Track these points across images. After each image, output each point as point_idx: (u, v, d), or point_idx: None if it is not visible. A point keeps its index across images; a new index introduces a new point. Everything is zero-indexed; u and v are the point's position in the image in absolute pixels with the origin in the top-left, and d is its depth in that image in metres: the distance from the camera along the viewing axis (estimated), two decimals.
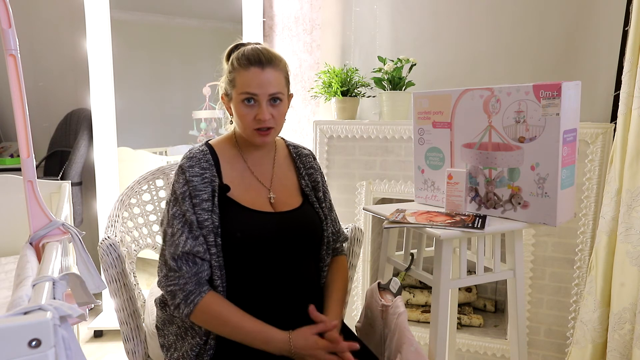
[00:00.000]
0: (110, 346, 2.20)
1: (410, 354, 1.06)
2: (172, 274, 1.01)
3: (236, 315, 1.00)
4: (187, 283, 0.99)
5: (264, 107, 1.04)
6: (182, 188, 1.03)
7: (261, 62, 1.04)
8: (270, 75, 1.04)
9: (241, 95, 1.04)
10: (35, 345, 0.54)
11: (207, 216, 1.01)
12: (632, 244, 1.48)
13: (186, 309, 0.99)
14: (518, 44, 1.91)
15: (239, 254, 1.03)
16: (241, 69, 1.04)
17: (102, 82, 2.31)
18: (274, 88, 1.04)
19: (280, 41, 2.35)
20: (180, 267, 1.00)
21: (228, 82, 1.08)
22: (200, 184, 1.03)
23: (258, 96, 1.03)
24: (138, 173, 1.47)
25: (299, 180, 1.20)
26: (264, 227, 1.06)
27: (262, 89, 1.03)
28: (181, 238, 1.00)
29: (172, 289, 1.00)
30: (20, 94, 0.99)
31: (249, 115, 1.04)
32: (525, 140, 1.13)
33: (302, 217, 1.14)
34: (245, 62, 1.04)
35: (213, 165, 1.07)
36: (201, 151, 1.08)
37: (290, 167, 1.22)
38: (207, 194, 1.03)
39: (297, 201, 1.16)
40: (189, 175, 1.03)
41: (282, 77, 1.07)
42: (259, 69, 1.03)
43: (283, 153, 1.23)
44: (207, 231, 1.01)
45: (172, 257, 1.00)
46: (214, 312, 1.00)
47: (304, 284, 1.11)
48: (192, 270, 1.00)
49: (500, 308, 2.21)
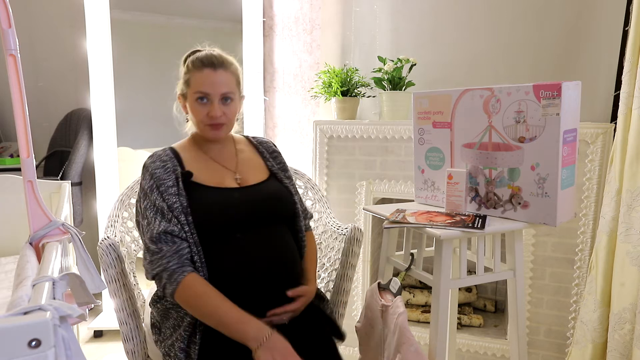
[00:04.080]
0: (110, 346, 2.20)
1: (410, 354, 1.06)
2: (154, 257, 1.05)
3: (216, 298, 1.03)
4: (170, 262, 1.03)
5: (215, 105, 1.12)
6: (148, 183, 1.10)
7: (213, 64, 1.13)
8: (222, 77, 1.13)
9: (195, 94, 1.13)
10: (35, 346, 0.54)
11: (175, 199, 1.07)
12: (632, 244, 1.48)
13: (170, 288, 1.03)
14: (518, 43, 1.91)
15: (212, 231, 1.08)
16: (195, 70, 1.14)
17: (102, 82, 2.31)
18: (225, 88, 1.13)
19: (280, 41, 2.35)
20: (161, 248, 1.04)
21: (184, 82, 1.17)
22: (164, 173, 1.11)
23: (210, 95, 1.12)
24: (138, 173, 1.46)
25: (265, 161, 1.28)
26: (229, 201, 1.12)
27: (214, 89, 1.12)
28: (155, 223, 1.06)
29: (157, 271, 1.04)
30: (20, 94, 0.99)
31: (202, 112, 1.13)
32: (525, 140, 1.13)
33: (268, 189, 1.21)
34: (199, 64, 1.14)
35: (174, 157, 1.15)
36: (161, 149, 1.19)
37: (254, 152, 1.30)
38: (172, 180, 1.10)
39: (263, 177, 1.24)
40: (152, 169, 1.11)
41: (233, 79, 1.16)
42: (212, 71, 1.13)
43: (243, 143, 1.31)
44: (177, 212, 1.07)
45: (150, 241, 1.05)
46: (197, 291, 1.03)
47: (281, 254, 1.14)
48: (172, 248, 1.04)
49: (500, 308, 2.21)
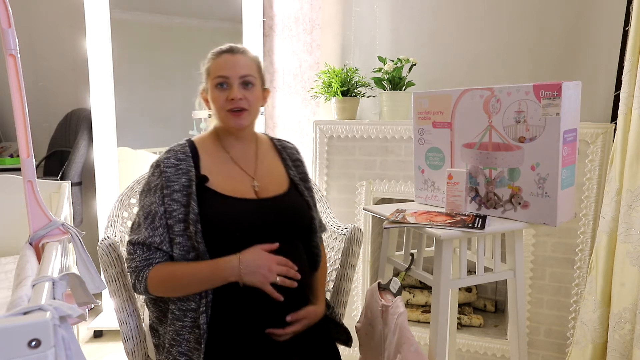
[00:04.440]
0: (110, 346, 2.20)
1: (410, 354, 1.06)
2: (128, 257, 1.07)
3: (184, 266, 1.04)
4: (138, 265, 1.05)
5: (235, 87, 1.09)
6: (156, 180, 1.07)
7: (232, 50, 1.12)
8: (241, 59, 1.11)
9: (215, 80, 1.10)
10: (35, 346, 0.54)
11: (177, 206, 1.04)
12: (633, 244, 1.48)
13: (141, 286, 1.05)
14: (518, 43, 1.91)
15: (223, 242, 1.05)
16: (214, 58, 1.12)
17: (102, 82, 2.31)
18: (245, 70, 1.11)
19: (280, 41, 2.35)
20: (135, 250, 1.05)
21: (205, 77, 1.15)
22: (174, 174, 1.06)
23: (229, 78, 1.09)
24: (138, 173, 1.47)
25: (287, 170, 1.23)
26: (244, 214, 1.09)
27: (232, 71, 1.09)
28: (141, 229, 1.06)
29: (128, 272, 1.07)
30: (20, 94, 0.99)
31: (221, 97, 1.10)
32: (525, 140, 1.13)
33: (286, 203, 1.16)
34: (217, 52, 1.13)
35: (190, 156, 1.10)
36: (180, 144, 1.13)
37: (276, 157, 1.25)
38: (179, 184, 1.05)
39: (282, 188, 1.19)
40: (164, 166, 1.07)
41: (253, 65, 1.14)
42: (230, 55, 1.11)
43: (266, 145, 1.26)
44: (173, 221, 1.04)
45: (130, 242, 1.07)
46: (164, 274, 1.04)
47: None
48: (144, 255, 1.05)
49: (500, 308, 2.21)
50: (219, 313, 1.05)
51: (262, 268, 1.02)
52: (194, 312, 1.04)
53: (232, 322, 1.05)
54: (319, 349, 1.15)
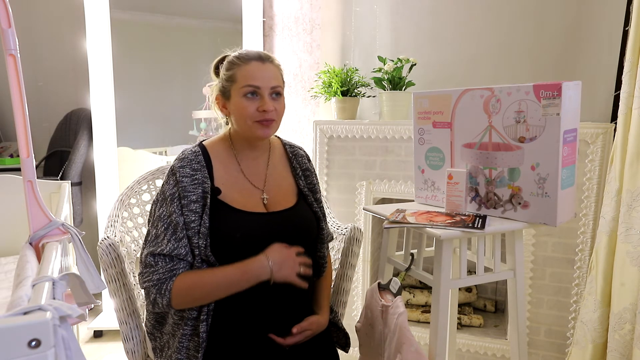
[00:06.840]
0: (110, 346, 2.20)
1: (410, 354, 1.06)
2: (147, 270, 1.02)
3: (209, 271, 1.02)
4: (160, 278, 1.00)
5: (266, 98, 1.05)
6: (172, 189, 1.04)
7: (261, 58, 1.08)
8: (271, 70, 1.08)
9: (244, 88, 1.05)
10: (35, 346, 0.54)
11: (194, 217, 1.02)
12: (633, 244, 1.48)
13: (164, 300, 0.99)
14: (518, 43, 1.91)
15: (232, 255, 1.04)
16: (242, 63, 1.07)
17: (102, 82, 2.31)
18: (275, 81, 1.07)
19: (280, 41, 2.35)
20: (157, 262, 1.01)
21: (225, 80, 1.09)
22: (190, 185, 1.03)
23: (261, 89, 1.05)
24: (138, 173, 1.47)
25: (296, 180, 1.21)
26: (254, 227, 1.07)
27: (264, 82, 1.05)
28: (164, 241, 1.01)
29: (147, 286, 1.01)
30: (20, 94, 0.99)
31: (251, 107, 1.05)
32: (525, 140, 1.13)
33: (295, 216, 1.14)
34: (245, 57, 1.07)
35: (205, 166, 1.07)
36: (193, 152, 1.09)
37: (286, 167, 1.22)
38: (196, 195, 1.03)
39: (291, 201, 1.17)
40: (179, 176, 1.04)
41: (279, 75, 1.11)
42: (260, 63, 1.07)
43: (279, 152, 1.23)
44: (192, 232, 1.01)
45: (151, 254, 1.01)
46: (190, 282, 1.00)
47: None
48: (167, 266, 1.00)
49: (501, 308, 2.21)
50: (220, 321, 1.04)
51: (288, 261, 1.04)
52: (194, 320, 1.04)
53: (233, 329, 1.04)
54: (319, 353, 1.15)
